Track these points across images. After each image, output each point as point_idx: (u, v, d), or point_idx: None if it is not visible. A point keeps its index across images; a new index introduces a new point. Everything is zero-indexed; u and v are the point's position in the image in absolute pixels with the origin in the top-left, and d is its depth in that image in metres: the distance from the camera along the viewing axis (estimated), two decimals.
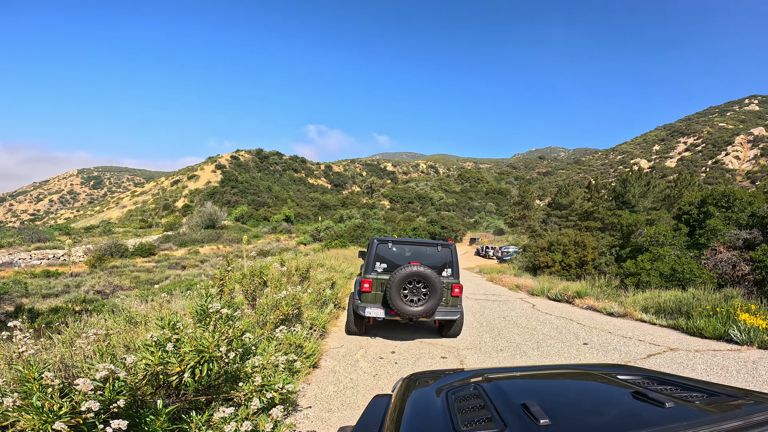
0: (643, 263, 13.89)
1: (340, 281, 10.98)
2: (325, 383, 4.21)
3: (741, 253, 14.36)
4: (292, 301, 4.39)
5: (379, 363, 5.04)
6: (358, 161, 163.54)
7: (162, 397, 2.56)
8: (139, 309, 6.02)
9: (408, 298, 5.76)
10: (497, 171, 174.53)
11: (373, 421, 1.37)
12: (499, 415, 1.10)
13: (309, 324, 5.24)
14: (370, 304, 6.04)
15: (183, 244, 36.23)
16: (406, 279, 5.70)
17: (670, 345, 6.21)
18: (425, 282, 5.74)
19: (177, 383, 2.19)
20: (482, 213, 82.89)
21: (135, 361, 2.03)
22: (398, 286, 5.68)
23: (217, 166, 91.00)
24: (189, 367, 2.06)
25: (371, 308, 5.97)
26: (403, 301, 5.70)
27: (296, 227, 52.81)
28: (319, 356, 4.95)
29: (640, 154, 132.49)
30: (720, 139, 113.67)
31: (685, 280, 12.79)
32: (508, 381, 1.45)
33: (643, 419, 1.04)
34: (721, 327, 6.59)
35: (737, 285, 12.89)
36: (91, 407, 1.61)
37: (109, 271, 28.95)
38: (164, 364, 2.06)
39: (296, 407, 3.53)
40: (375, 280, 6.17)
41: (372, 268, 6.28)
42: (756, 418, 0.96)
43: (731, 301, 7.77)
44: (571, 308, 9.92)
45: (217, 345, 2.15)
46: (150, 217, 69.67)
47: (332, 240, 31.87)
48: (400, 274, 5.69)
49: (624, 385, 1.35)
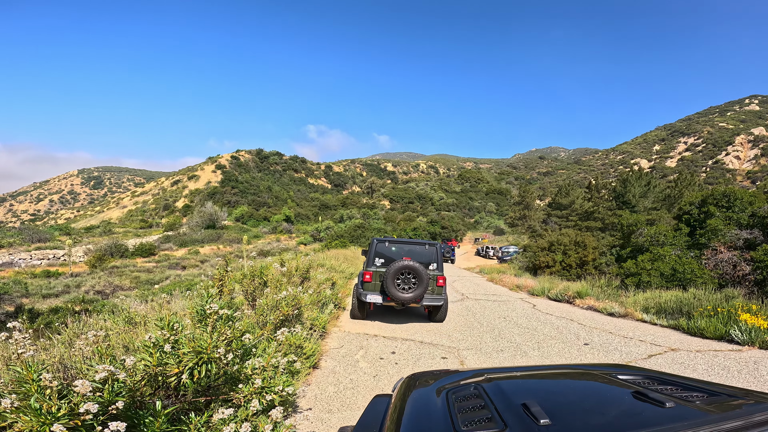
0: (643, 263, 13.87)
1: (340, 281, 10.96)
2: (325, 384, 4.20)
3: (742, 253, 14.34)
4: (292, 301, 4.38)
5: (379, 363, 5.02)
6: (358, 161, 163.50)
7: (161, 398, 2.55)
8: (139, 309, 6.02)
9: (400, 286, 6.91)
10: (498, 171, 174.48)
11: (373, 421, 1.37)
12: (499, 415, 1.10)
13: (309, 324, 5.23)
14: (370, 292, 7.18)
15: (183, 245, 36.19)
16: (398, 271, 6.86)
17: (671, 345, 6.19)
18: (414, 274, 6.88)
19: (176, 384, 2.18)
20: (482, 213, 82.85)
21: (134, 362, 2.02)
22: (392, 277, 6.85)
23: (218, 167, 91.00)
24: (187, 369, 2.04)
25: (371, 295, 7.13)
26: (397, 289, 6.85)
27: (296, 227, 52.79)
28: (319, 357, 4.93)
29: (640, 154, 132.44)
30: (720, 139, 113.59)
31: (685, 280, 12.77)
32: (509, 381, 1.44)
33: (643, 419, 1.04)
34: (723, 327, 6.57)
35: (738, 285, 12.86)
36: (89, 409, 1.60)
37: (109, 272, 28.95)
38: (162, 365, 2.05)
39: (296, 408, 3.52)
40: (374, 272, 7.33)
41: (372, 263, 7.46)
42: (756, 418, 0.95)
43: (732, 301, 7.75)
44: (571, 308, 9.90)
45: (216, 346, 2.14)
46: (150, 217, 69.67)
47: (332, 240, 31.75)
48: (394, 267, 6.85)
49: (624, 385, 1.34)
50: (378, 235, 40.26)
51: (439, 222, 53.15)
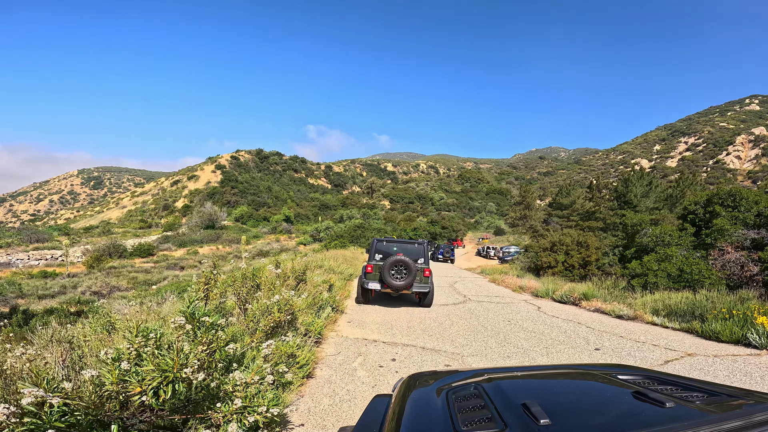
0: (649, 264, 13.55)
1: (338, 283, 10.64)
2: (319, 395, 3.89)
3: (749, 254, 14.02)
4: (285, 306, 4.07)
5: (378, 372, 4.71)
6: (358, 161, 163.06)
7: (135, 415, 2.26)
8: (125, 312, 5.70)
9: (394, 276, 8.53)
10: (498, 171, 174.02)
11: (373, 421, 1.36)
12: (499, 414, 1.10)
13: (303, 330, 4.91)
14: (371, 281, 8.88)
15: (182, 245, 35.75)
16: (393, 264, 8.53)
17: (686, 350, 5.88)
18: (405, 266, 8.53)
19: (140, 404, 1.87)
20: (483, 213, 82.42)
21: (92, 377, 1.72)
22: (388, 268, 8.51)
23: (217, 167, 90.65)
24: (151, 388, 1.74)
25: (372, 283, 8.81)
26: (391, 278, 8.49)
27: (296, 227, 52.35)
28: (314, 365, 4.62)
29: (641, 154, 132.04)
30: (721, 138, 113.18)
31: (693, 281, 12.45)
32: (509, 381, 1.44)
33: (643, 419, 1.04)
34: (739, 330, 6.27)
35: (746, 286, 12.54)
36: None
37: (106, 272, 28.63)
38: (123, 383, 1.75)
39: (286, 425, 3.21)
40: (374, 265, 9.02)
41: (373, 257, 9.28)
42: (756, 418, 0.95)
43: (747, 303, 7.45)
44: (578, 311, 9.59)
45: (184, 364, 1.83)
46: (150, 217, 69.29)
47: (332, 240, 31.33)
48: (389, 261, 8.53)
49: (624, 385, 1.34)
50: (378, 235, 40.71)
51: (440, 222, 52.62)
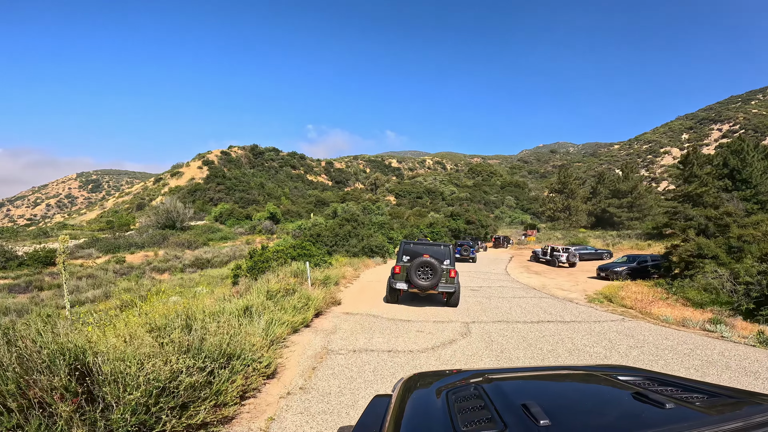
0: None
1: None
2: None
3: None
4: None
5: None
6: (361, 158, 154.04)
7: None
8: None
9: (420, 276, 9.60)
10: (508, 166, 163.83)
11: (373, 421, 1.35)
12: (499, 415, 1.10)
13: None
14: (399, 281, 9.89)
15: (111, 250, 27.01)
16: (419, 265, 9.65)
17: None
18: (431, 267, 9.62)
19: None
20: (503, 207, 72.82)
21: None
22: (415, 269, 9.61)
23: (205, 162, 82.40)
24: None
25: (400, 283, 9.83)
26: (418, 278, 9.55)
27: (282, 226, 43.55)
28: None
29: (668, 143, 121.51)
30: (761, 124, 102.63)
31: None
32: (509, 382, 1.44)
33: (643, 420, 1.02)
34: None
35: None
36: None
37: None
38: None
39: None
40: (402, 266, 10.01)
41: (401, 259, 10.24)
42: (756, 419, 0.94)
43: None
44: None
45: None
46: (122, 218, 61.04)
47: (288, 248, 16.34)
48: (416, 262, 9.66)
49: (624, 386, 1.33)
50: (381, 231, 32.08)
51: (463, 215, 42.38)
